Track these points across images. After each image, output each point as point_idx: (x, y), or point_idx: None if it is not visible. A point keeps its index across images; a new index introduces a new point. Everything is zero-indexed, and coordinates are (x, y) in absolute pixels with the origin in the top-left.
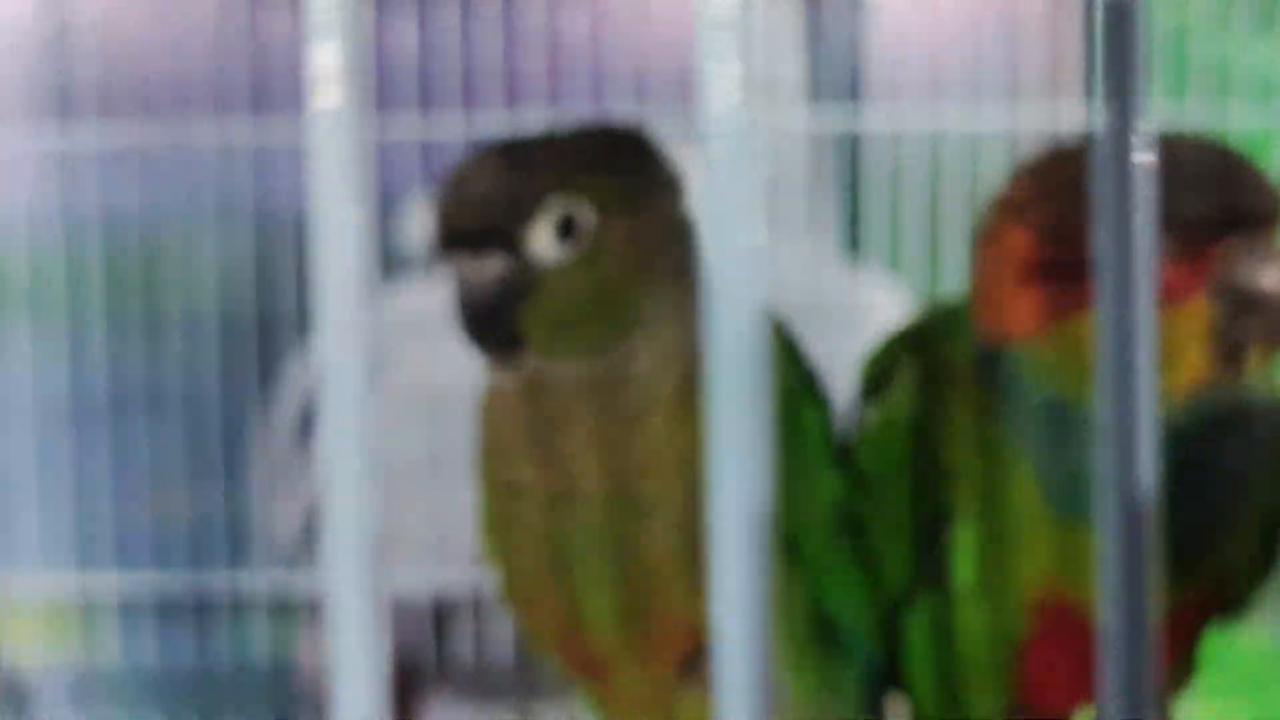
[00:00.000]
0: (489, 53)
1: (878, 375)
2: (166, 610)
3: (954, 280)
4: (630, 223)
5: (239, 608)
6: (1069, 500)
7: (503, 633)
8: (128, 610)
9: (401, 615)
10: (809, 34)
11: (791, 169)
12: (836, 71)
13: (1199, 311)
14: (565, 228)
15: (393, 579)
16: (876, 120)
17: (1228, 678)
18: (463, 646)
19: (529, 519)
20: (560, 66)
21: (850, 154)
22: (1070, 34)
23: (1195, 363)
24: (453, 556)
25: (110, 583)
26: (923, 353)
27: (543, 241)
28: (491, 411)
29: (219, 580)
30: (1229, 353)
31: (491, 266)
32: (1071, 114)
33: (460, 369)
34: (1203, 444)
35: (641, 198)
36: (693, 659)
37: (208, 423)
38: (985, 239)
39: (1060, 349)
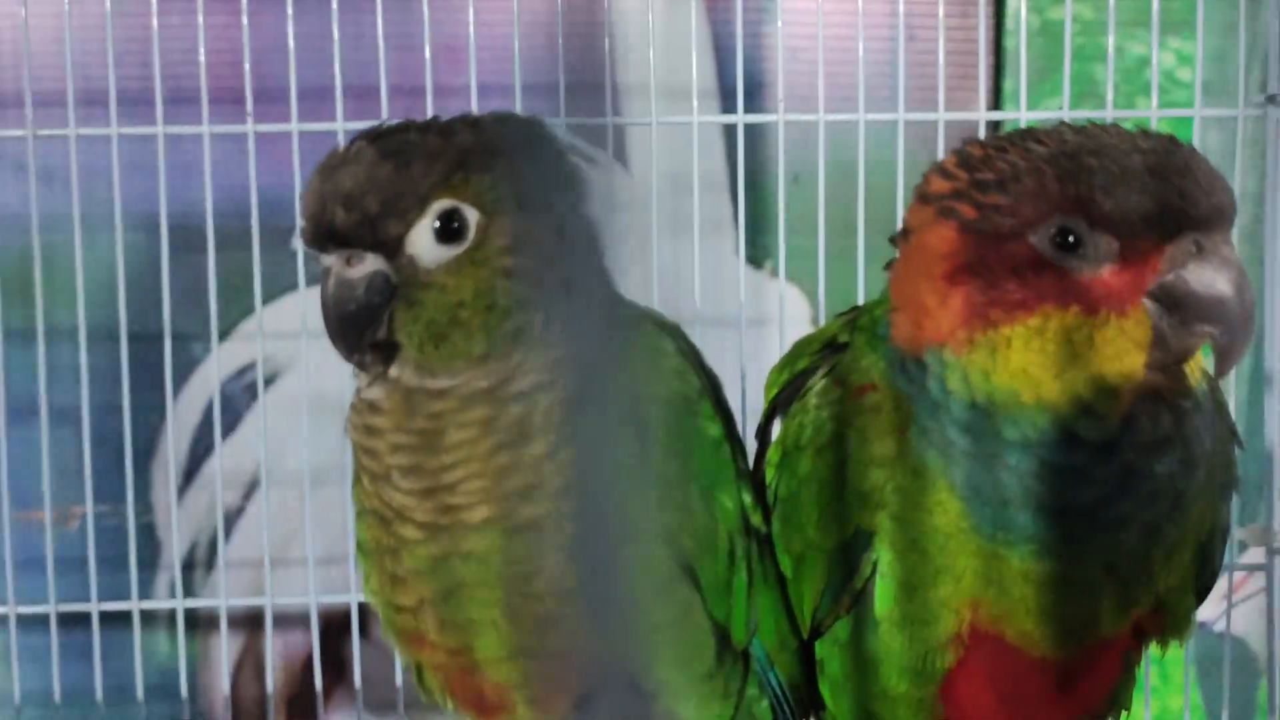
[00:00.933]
0: (372, 54)
1: (786, 388)
2: (61, 627)
3: (859, 285)
4: (519, 224)
5: (130, 624)
6: (996, 521)
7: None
8: (23, 626)
9: (298, 627)
10: (714, 36)
11: (694, 171)
12: (741, 73)
13: (1142, 320)
14: (447, 228)
15: (288, 591)
16: (780, 122)
17: None
18: (359, 658)
19: (406, 548)
20: (452, 68)
21: (753, 156)
22: (971, 34)
23: (1136, 371)
24: (343, 566)
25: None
26: (836, 364)
27: (423, 243)
28: (361, 430)
29: (115, 597)
30: (1170, 360)
31: (364, 267)
32: (972, 113)
33: (348, 376)
34: (1146, 458)
35: (533, 197)
36: (590, 699)
37: (103, 436)
38: (907, 236)
39: (990, 357)
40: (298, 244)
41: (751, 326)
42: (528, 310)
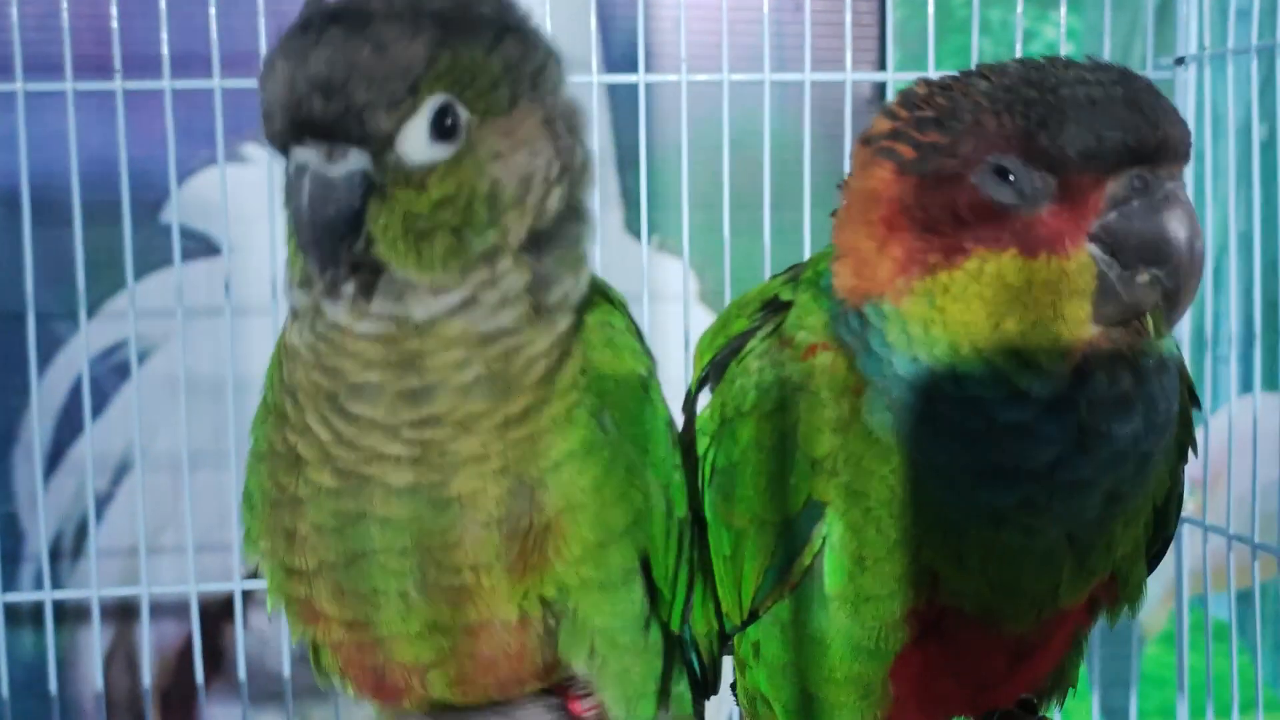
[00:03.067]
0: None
1: (721, 353)
2: None
3: (741, 257)
4: (511, 124)
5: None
6: (951, 488)
7: (276, 633)
8: None
9: (169, 618)
10: (601, 6)
11: (593, 138)
12: (625, 43)
13: (1085, 264)
14: (440, 126)
15: (161, 580)
16: (683, 83)
17: None
18: (235, 647)
19: (313, 501)
20: None
21: (630, 124)
22: (856, 3)
23: (1082, 321)
24: (222, 553)
25: None
26: (779, 323)
27: (415, 140)
28: (309, 360)
29: None
30: (1121, 313)
31: (346, 164)
32: (859, 77)
33: (225, 355)
34: (1105, 418)
35: (521, 85)
36: (522, 683)
37: None
38: (849, 182)
39: (928, 306)
40: (173, 218)
41: (636, 302)
42: (511, 219)
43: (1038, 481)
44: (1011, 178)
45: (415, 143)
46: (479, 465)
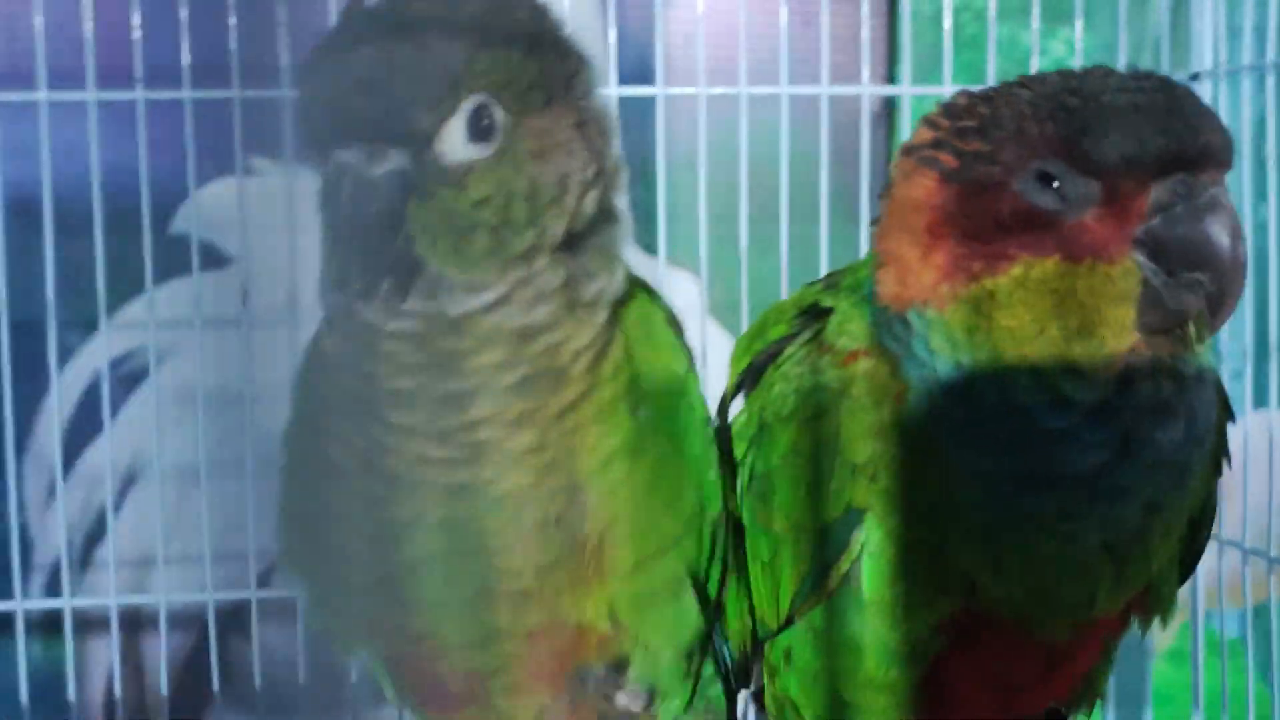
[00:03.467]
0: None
1: (759, 358)
2: None
3: (756, 271)
4: (545, 123)
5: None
6: (992, 494)
7: (288, 644)
8: None
9: (175, 628)
10: (608, 18)
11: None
12: (635, 56)
13: (1129, 270)
14: (477, 126)
15: (171, 589)
16: (701, 96)
17: None
18: (246, 658)
19: (360, 512)
20: None
21: (642, 137)
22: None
23: (1126, 327)
24: (235, 563)
25: None
26: (819, 329)
27: (454, 139)
28: (323, 371)
29: None
30: (1165, 319)
31: (387, 164)
32: (871, 92)
33: (240, 365)
34: (1146, 424)
35: (554, 86)
36: (582, 676)
37: None
38: (891, 191)
39: (972, 313)
40: (188, 226)
41: None
42: (549, 219)
43: (1079, 488)
44: (1055, 183)
45: (453, 142)
46: (533, 458)
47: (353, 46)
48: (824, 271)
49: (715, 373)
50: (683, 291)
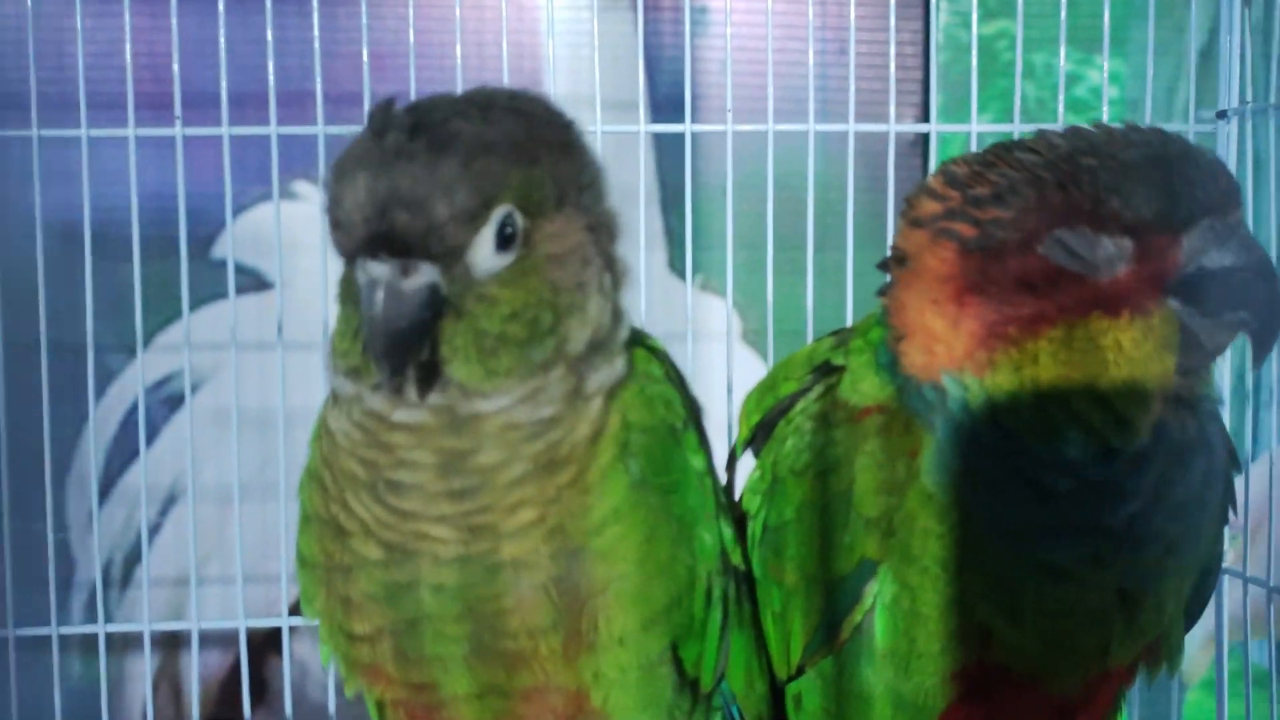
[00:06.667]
0: (300, 58)
1: (771, 413)
2: None
3: (784, 297)
4: (559, 228)
5: (41, 649)
6: (1020, 548)
7: (317, 664)
8: None
9: (213, 648)
10: (647, 48)
11: (640, 181)
12: (673, 85)
13: (1168, 318)
14: (503, 235)
15: (207, 612)
16: (729, 132)
17: None
18: (279, 677)
19: (364, 570)
20: (380, 75)
21: (674, 167)
22: (901, 47)
23: (1169, 373)
24: (267, 585)
25: None
26: (830, 386)
27: (483, 252)
28: (358, 440)
29: (30, 619)
30: (1204, 360)
31: (419, 278)
32: (902, 129)
33: (274, 389)
34: (1177, 465)
35: (569, 194)
36: None
37: (12, 452)
38: (903, 263)
39: (1014, 375)
40: (227, 251)
41: (679, 342)
42: (571, 327)
43: (1107, 535)
44: (1085, 247)
45: (482, 254)
46: (532, 530)
47: (394, 163)
48: (850, 298)
49: (743, 395)
50: (714, 318)
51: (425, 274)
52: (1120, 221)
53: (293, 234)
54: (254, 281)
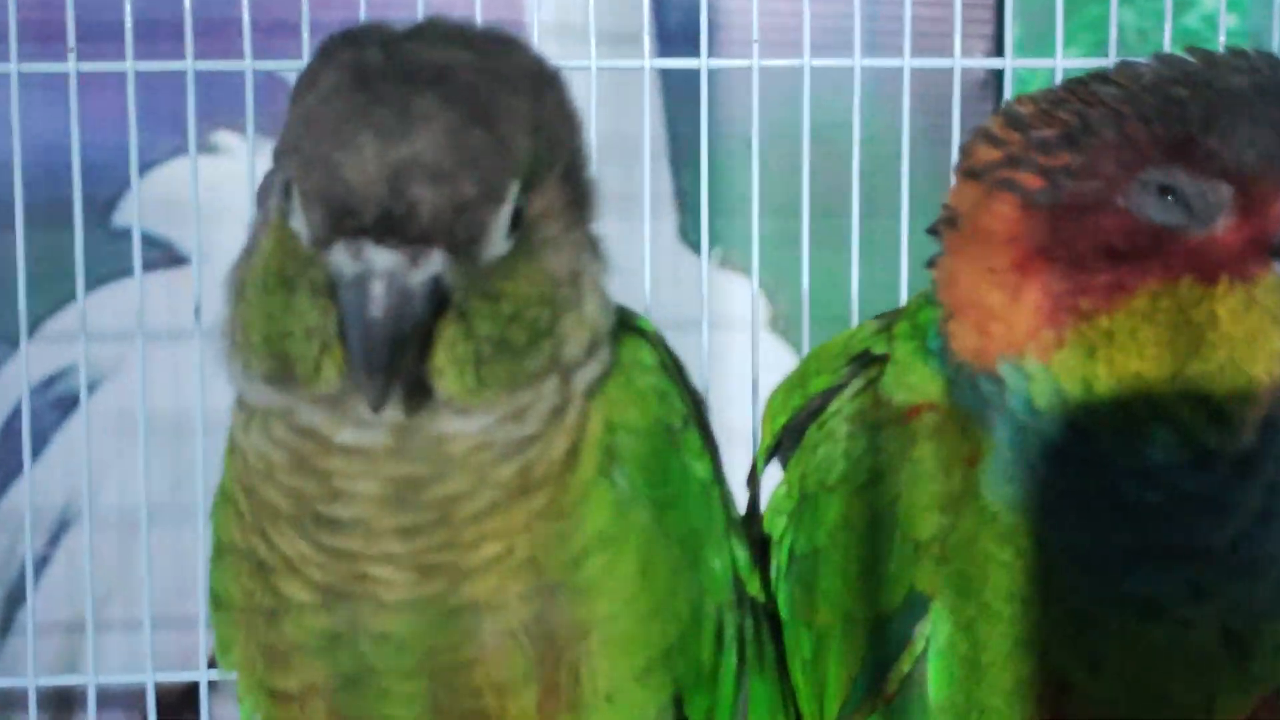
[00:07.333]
0: None
1: (799, 415)
2: None
3: (822, 276)
4: (551, 203)
5: None
6: (1100, 576)
7: None
8: None
9: (115, 707)
10: None
11: (644, 131)
12: (686, 12)
13: (1275, 286)
14: (514, 215)
15: (109, 664)
16: (755, 68)
17: None
18: None
19: (290, 615)
20: (325, 1)
21: (689, 114)
22: None
23: (1275, 356)
24: (183, 630)
25: None
26: (871, 381)
27: (498, 235)
28: (289, 466)
29: None
30: None
31: (429, 269)
32: (969, 64)
33: (196, 387)
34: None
35: (557, 158)
36: None
37: None
38: (954, 224)
39: (1086, 359)
40: (133, 219)
41: (693, 330)
42: (569, 326)
43: (1208, 561)
44: (1174, 194)
45: (497, 238)
46: (496, 565)
47: (412, 124)
48: (904, 277)
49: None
50: (736, 300)
51: (434, 264)
52: (1218, 164)
53: (214, 196)
54: (165, 255)
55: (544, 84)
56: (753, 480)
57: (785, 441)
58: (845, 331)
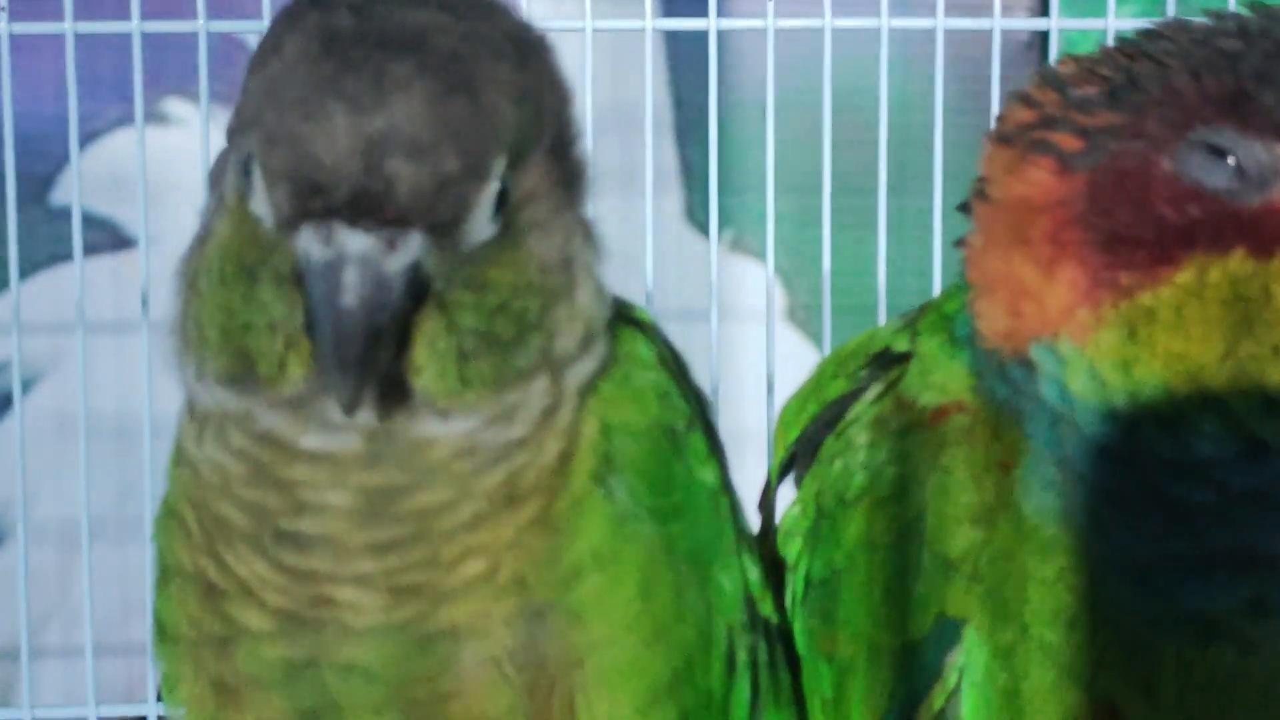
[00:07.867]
0: None
1: (814, 426)
2: None
3: (845, 260)
4: (535, 183)
5: None
6: (1153, 595)
7: None
8: None
9: None
10: None
11: (646, 101)
12: None
13: None
14: (500, 196)
15: (43, 696)
16: (770, 28)
17: None
18: None
19: (243, 644)
20: None
21: (708, 80)
22: None
23: None
24: (128, 658)
25: None
26: (894, 382)
27: (483, 217)
28: (247, 476)
29: None
30: None
31: (407, 254)
32: (1010, 25)
33: (143, 385)
34: None
35: (544, 132)
36: None
37: None
38: (985, 195)
39: (1128, 339)
40: (73, 197)
41: (701, 320)
42: (560, 319)
43: (1274, 569)
44: (1227, 156)
45: (482, 220)
46: (479, 586)
47: (388, 93)
48: (937, 261)
49: (789, 395)
50: (749, 288)
51: (413, 248)
52: (1274, 122)
53: (163, 172)
54: (109, 237)
55: (529, 50)
56: (765, 501)
57: (800, 455)
58: (868, 331)
